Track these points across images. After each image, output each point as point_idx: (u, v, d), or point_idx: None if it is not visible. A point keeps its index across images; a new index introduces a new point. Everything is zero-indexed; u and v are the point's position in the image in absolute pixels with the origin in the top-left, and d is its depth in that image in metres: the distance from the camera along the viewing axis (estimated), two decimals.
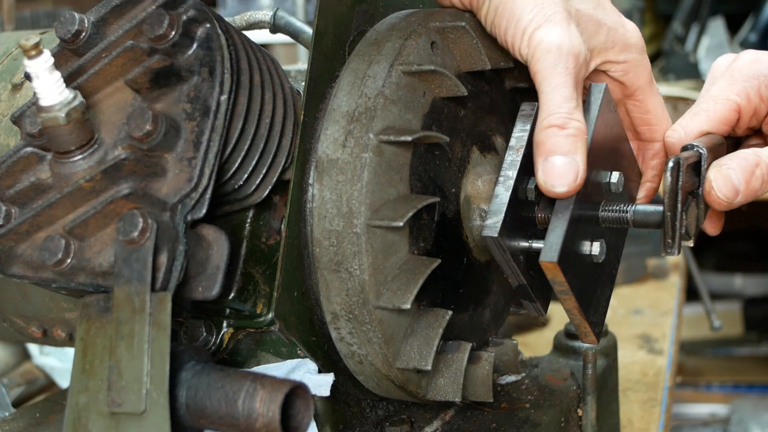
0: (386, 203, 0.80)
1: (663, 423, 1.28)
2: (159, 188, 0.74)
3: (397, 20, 0.88)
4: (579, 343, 1.08)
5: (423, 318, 0.83)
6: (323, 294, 0.82)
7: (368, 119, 0.80)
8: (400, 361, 0.83)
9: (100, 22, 0.79)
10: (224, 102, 0.76)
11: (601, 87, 0.87)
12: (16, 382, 1.41)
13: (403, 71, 0.82)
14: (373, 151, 0.79)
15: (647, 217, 0.86)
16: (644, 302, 1.73)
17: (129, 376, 0.70)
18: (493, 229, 0.81)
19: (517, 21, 0.84)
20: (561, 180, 0.81)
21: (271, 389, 0.69)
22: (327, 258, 0.80)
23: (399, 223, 0.78)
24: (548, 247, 0.81)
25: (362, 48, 0.85)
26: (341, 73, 0.84)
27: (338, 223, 0.79)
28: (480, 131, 0.91)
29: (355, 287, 0.80)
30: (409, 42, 0.83)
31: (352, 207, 0.79)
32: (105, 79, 0.78)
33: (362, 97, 0.81)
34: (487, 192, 0.88)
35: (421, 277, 0.80)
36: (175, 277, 0.72)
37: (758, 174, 0.87)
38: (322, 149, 0.81)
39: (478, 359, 0.89)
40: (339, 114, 0.81)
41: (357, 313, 0.81)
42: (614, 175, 0.88)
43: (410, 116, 0.82)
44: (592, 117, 0.86)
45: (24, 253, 0.76)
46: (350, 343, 0.83)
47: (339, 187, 0.79)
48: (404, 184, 0.81)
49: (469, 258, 0.90)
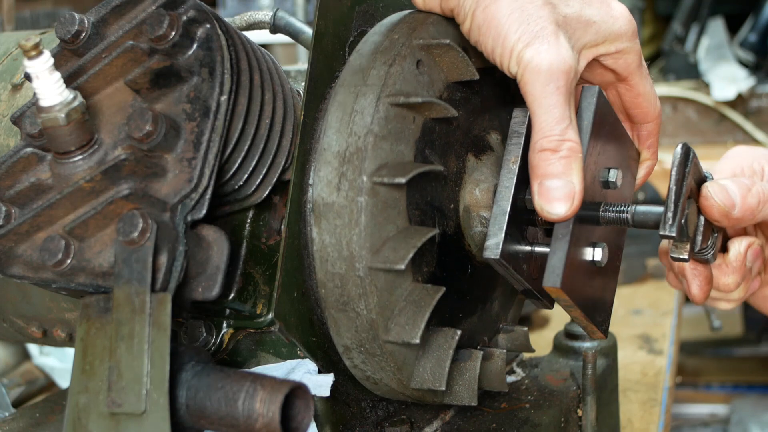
0: (386, 242, 0.79)
1: (663, 423, 1.28)
2: (159, 189, 0.74)
3: (379, 38, 0.85)
4: (579, 343, 1.08)
5: (433, 339, 0.84)
6: (333, 330, 0.83)
7: (360, 160, 0.79)
8: (414, 383, 0.84)
9: (100, 22, 0.79)
10: (224, 102, 0.76)
11: (594, 90, 0.87)
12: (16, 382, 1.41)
13: (391, 103, 0.80)
14: (368, 194, 0.78)
15: (647, 217, 0.86)
16: (644, 302, 1.73)
17: (129, 377, 0.70)
18: (494, 250, 0.81)
19: (503, 40, 0.82)
20: (558, 204, 0.81)
21: (271, 389, 0.69)
22: (333, 299, 0.81)
23: (401, 266, 0.78)
24: (550, 271, 0.81)
25: (347, 77, 0.83)
26: (328, 107, 0.82)
27: (341, 266, 0.80)
28: (473, 136, 0.90)
29: (363, 325, 0.81)
30: (393, 69, 0.81)
31: (352, 251, 0.79)
32: (105, 80, 0.78)
33: (352, 135, 0.80)
34: (485, 200, 0.88)
35: (427, 309, 0.80)
36: (175, 278, 0.72)
37: (755, 191, 0.90)
38: (317, 192, 0.80)
39: (490, 356, 0.90)
40: (330, 154, 0.80)
41: (368, 347, 0.82)
42: (612, 173, 0.88)
43: (402, 147, 0.81)
44: (586, 124, 0.85)
45: (24, 254, 0.76)
46: (364, 369, 0.85)
47: (338, 232, 0.79)
48: (402, 218, 0.81)
49: (472, 264, 0.90)
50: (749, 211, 0.90)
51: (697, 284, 0.96)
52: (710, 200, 0.89)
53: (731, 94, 2.34)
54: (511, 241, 0.83)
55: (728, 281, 0.98)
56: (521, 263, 0.84)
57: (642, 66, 0.92)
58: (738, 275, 0.98)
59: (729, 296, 1.02)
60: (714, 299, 1.04)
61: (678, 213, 0.84)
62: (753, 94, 2.37)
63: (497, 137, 0.93)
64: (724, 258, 0.99)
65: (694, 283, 0.96)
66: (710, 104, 2.39)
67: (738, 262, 0.98)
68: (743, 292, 1.02)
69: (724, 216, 0.89)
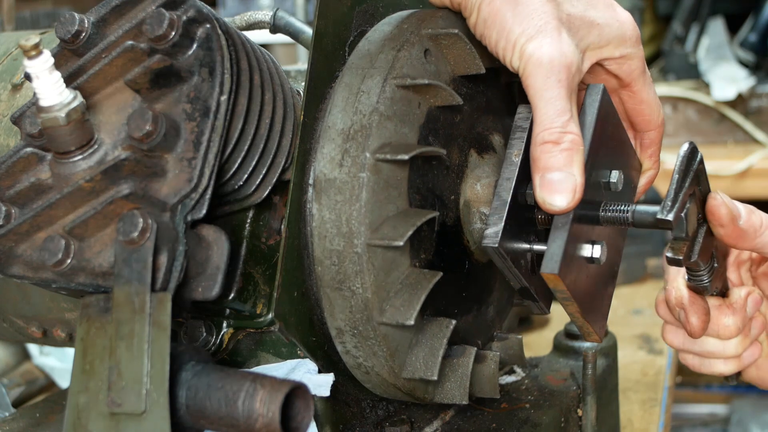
0: (386, 221, 0.79)
1: (663, 423, 1.28)
2: (159, 188, 0.74)
3: (389, 28, 0.86)
4: (579, 343, 1.09)
5: (427, 328, 0.84)
6: (327, 311, 0.83)
7: (364, 137, 0.79)
8: (406, 372, 0.83)
9: (100, 22, 0.79)
10: (224, 102, 0.76)
11: (599, 88, 0.87)
12: (16, 382, 1.41)
13: (398, 85, 0.81)
14: (371, 171, 0.78)
15: (647, 217, 0.86)
16: (644, 302, 1.73)
17: (129, 377, 0.70)
18: (493, 239, 0.81)
19: (507, 33, 0.83)
20: (559, 197, 0.81)
21: (271, 389, 0.69)
22: (329, 277, 0.81)
23: (399, 242, 0.78)
24: (549, 257, 0.80)
25: (355, 60, 0.84)
26: (335, 87, 0.83)
27: (339, 243, 0.79)
28: (477, 133, 0.90)
29: (358, 305, 0.80)
30: (401, 53, 0.82)
31: (351, 227, 0.79)
32: (105, 80, 0.78)
33: (357, 114, 0.80)
34: (486, 196, 0.88)
35: (423, 292, 0.80)
36: (175, 278, 0.72)
37: (758, 213, 0.90)
38: (320, 168, 0.80)
39: (483, 359, 0.89)
40: (334, 132, 0.81)
41: (361, 329, 0.81)
42: (614, 174, 0.88)
43: (406, 130, 0.81)
44: (590, 120, 0.85)
45: (24, 254, 0.76)
46: (356, 356, 0.84)
47: (338, 207, 0.79)
48: (403, 199, 0.81)
49: (470, 261, 0.90)
50: (752, 228, 0.90)
51: (696, 316, 0.94)
52: (718, 200, 0.88)
53: (731, 94, 2.34)
54: (511, 234, 0.83)
55: (728, 323, 0.97)
56: (519, 257, 0.84)
57: (645, 73, 0.92)
58: (738, 318, 0.97)
59: (726, 351, 0.99)
60: (709, 356, 1.00)
61: (678, 202, 0.84)
62: (753, 94, 2.37)
63: (500, 140, 0.93)
64: (723, 300, 0.98)
65: (693, 315, 0.94)
66: (710, 104, 2.39)
67: (738, 304, 0.97)
68: (741, 348, 0.99)
69: (731, 221, 0.88)
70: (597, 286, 0.89)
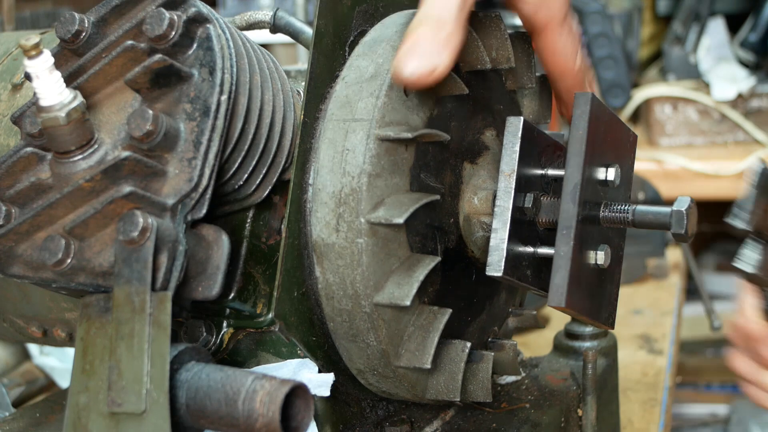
0: (390, 276, 0.80)
1: (663, 423, 1.28)
2: (159, 188, 0.74)
3: (365, 63, 0.84)
4: (579, 343, 1.08)
5: (444, 353, 0.85)
6: (345, 357, 0.85)
7: (356, 202, 0.79)
8: (429, 394, 0.86)
9: (100, 22, 0.79)
10: (224, 102, 0.76)
11: (587, 97, 0.86)
12: (16, 382, 1.41)
13: (382, 139, 0.80)
14: (367, 235, 0.79)
15: (647, 218, 0.86)
16: (644, 302, 1.73)
17: (129, 376, 0.70)
18: (497, 269, 0.82)
19: None
20: (413, 63, 0.76)
21: (271, 389, 0.69)
22: (342, 331, 0.83)
23: (406, 302, 0.79)
24: (554, 290, 0.81)
25: (335, 110, 0.82)
26: (320, 144, 0.82)
27: (347, 303, 0.81)
28: (468, 142, 0.89)
29: (374, 354, 0.83)
30: (380, 101, 0.81)
31: (357, 290, 0.80)
32: (105, 80, 0.78)
33: (346, 176, 0.80)
34: (485, 208, 0.88)
35: (436, 334, 0.82)
36: (175, 277, 0.72)
37: None
38: (317, 233, 0.81)
39: (501, 348, 0.92)
40: (326, 195, 0.81)
41: (381, 371, 0.84)
42: (611, 171, 0.88)
43: (397, 179, 0.81)
44: (581, 134, 0.84)
45: (24, 254, 0.76)
46: (379, 387, 0.87)
47: (341, 271, 0.80)
48: (404, 248, 0.82)
49: (476, 268, 0.90)
50: None
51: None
52: None
53: (731, 94, 2.34)
54: (513, 251, 0.83)
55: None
56: (525, 270, 0.85)
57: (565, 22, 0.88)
58: None
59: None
60: None
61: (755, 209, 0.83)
62: (753, 94, 2.37)
63: (492, 134, 0.92)
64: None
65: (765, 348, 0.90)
66: (710, 104, 2.39)
67: None
68: None
69: None
70: (603, 286, 0.89)
